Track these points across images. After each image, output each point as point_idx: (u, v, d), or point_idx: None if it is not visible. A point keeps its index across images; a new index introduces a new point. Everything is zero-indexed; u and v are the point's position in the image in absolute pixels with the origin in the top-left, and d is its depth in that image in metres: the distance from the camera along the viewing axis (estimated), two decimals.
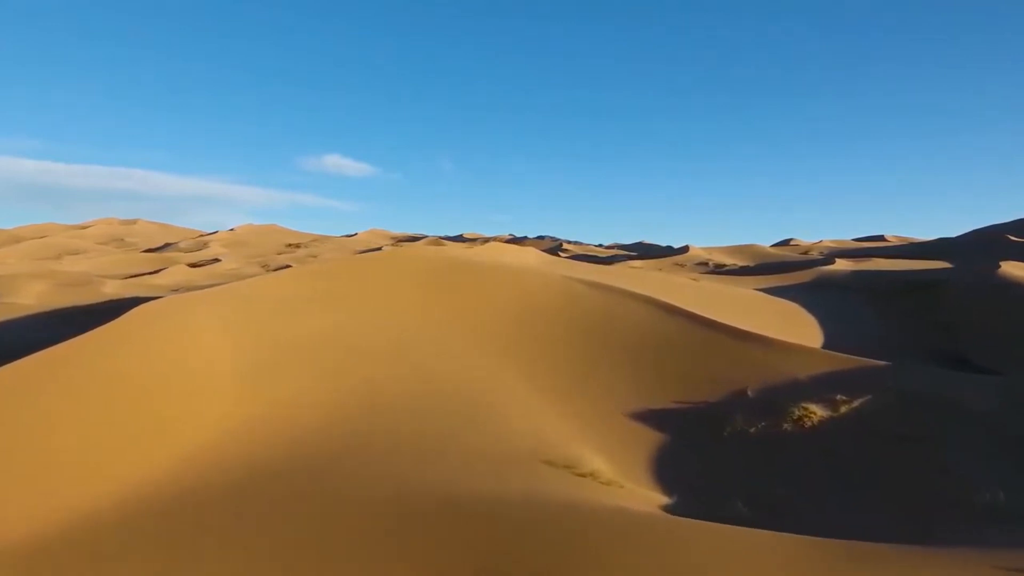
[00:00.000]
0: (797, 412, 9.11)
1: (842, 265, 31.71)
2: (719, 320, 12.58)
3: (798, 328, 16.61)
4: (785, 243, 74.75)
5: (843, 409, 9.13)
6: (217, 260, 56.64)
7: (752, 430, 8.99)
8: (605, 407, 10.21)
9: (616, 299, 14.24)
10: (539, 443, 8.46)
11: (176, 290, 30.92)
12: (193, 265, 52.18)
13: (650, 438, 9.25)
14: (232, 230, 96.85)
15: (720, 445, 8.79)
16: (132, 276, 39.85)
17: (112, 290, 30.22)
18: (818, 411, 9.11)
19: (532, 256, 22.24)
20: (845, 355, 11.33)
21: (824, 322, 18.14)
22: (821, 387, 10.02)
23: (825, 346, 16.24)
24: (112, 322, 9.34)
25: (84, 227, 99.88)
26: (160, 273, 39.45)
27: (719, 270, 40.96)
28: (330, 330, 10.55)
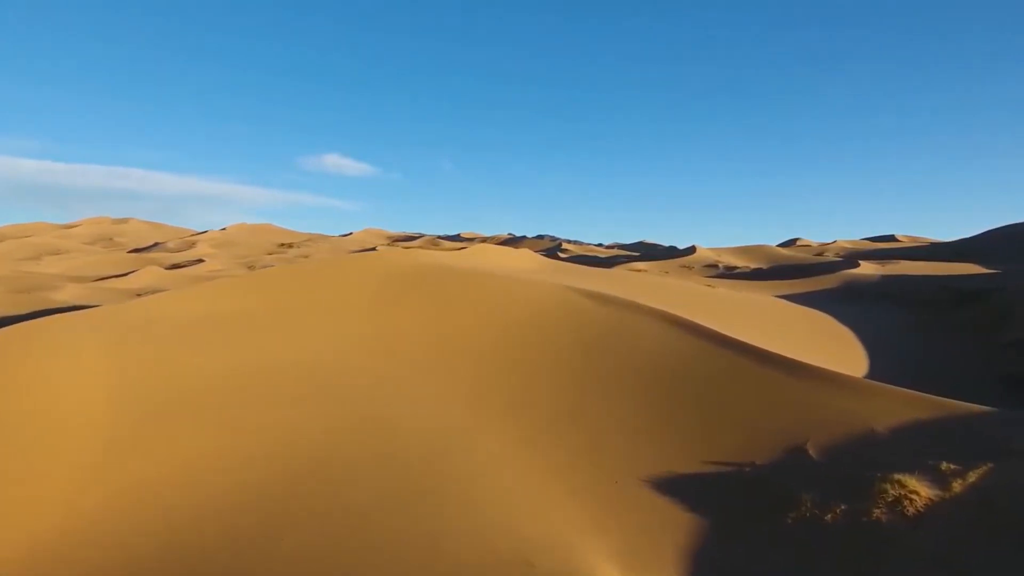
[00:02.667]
0: (891, 491, 6.42)
1: (868, 269, 28.99)
2: (769, 350, 9.84)
3: (844, 351, 13.93)
4: (792, 243, 72.44)
5: (956, 487, 6.45)
6: (200, 261, 54.19)
7: (828, 517, 6.32)
8: (615, 472, 7.57)
9: (627, 317, 11.55)
10: (524, 540, 5.85)
11: (139, 294, 28.28)
12: (174, 266, 49.69)
13: (681, 524, 6.60)
14: (223, 229, 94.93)
15: (785, 542, 6.12)
16: (101, 279, 37.24)
17: (68, 296, 27.61)
18: (921, 489, 6.42)
19: (525, 259, 19.52)
20: (930, 396, 8.66)
21: (868, 341, 15.44)
22: (912, 448, 7.35)
23: (871, 374, 13.61)
24: None
25: (71, 226, 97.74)
26: (130, 276, 36.83)
27: (731, 273, 38.28)
28: (246, 365, 7.89)
